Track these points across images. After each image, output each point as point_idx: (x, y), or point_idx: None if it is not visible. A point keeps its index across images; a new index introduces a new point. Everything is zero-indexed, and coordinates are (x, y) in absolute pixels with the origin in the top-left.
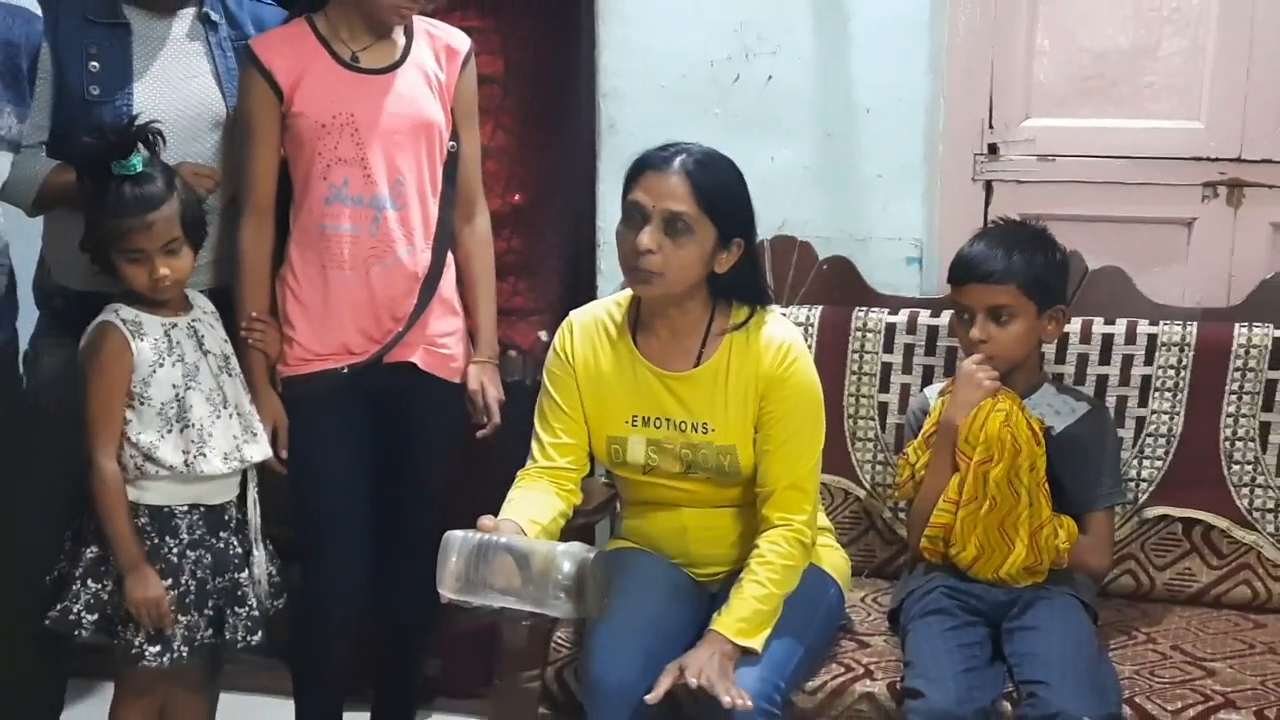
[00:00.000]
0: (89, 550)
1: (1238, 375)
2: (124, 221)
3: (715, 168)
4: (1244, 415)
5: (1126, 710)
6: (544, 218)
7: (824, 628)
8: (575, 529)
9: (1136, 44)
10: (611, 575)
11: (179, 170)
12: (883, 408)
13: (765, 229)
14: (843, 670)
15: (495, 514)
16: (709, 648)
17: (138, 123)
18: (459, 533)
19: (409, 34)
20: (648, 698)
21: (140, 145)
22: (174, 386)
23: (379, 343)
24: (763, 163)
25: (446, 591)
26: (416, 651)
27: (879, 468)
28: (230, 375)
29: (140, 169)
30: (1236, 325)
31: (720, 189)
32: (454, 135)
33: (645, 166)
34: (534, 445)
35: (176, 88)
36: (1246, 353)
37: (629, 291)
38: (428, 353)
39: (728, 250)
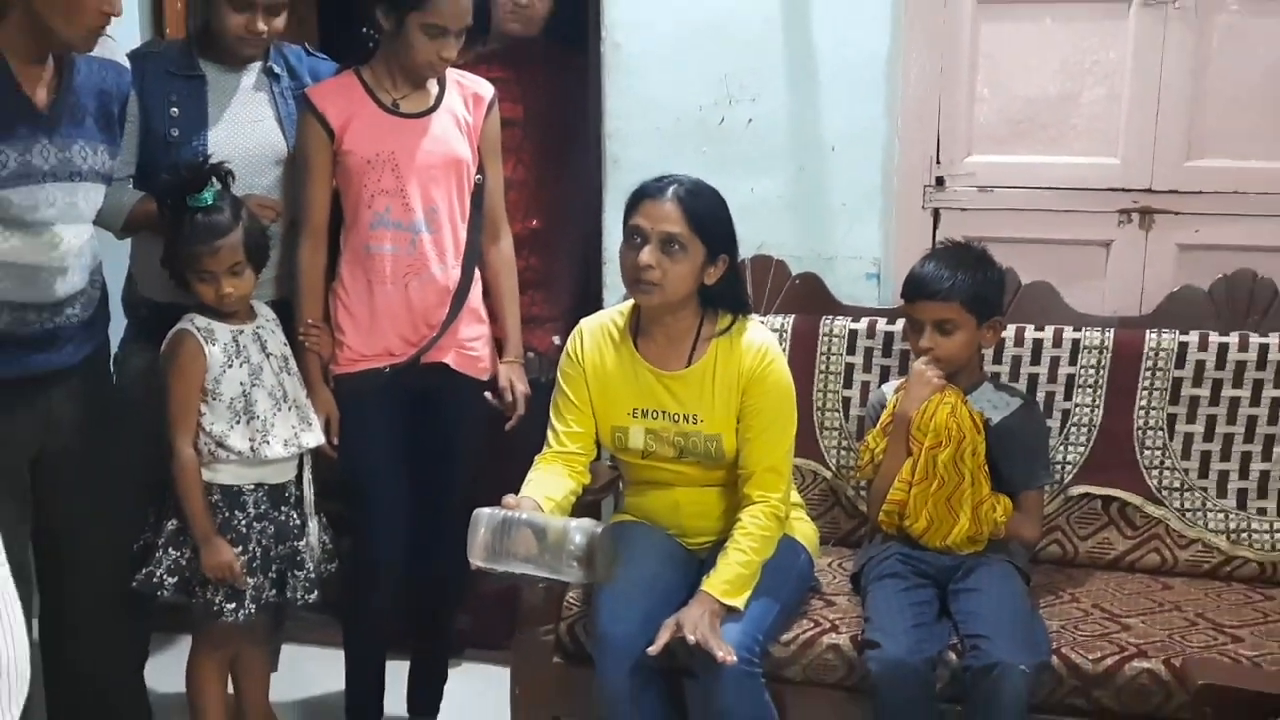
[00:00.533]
0: (170, 523)
1: (1149, 374)
2: (195, 247)
3: (703, 195)
4: (1154, 408)
5: (1055, 660)
6: (558, 240)
7: (796, 589)
8: (584, 505)
9: (1062, 92)
10: (618, 546)
11: (246, 201)
12: (846, 402)
13: (746, 249)
14: (812, 625)
15: (517, 493)
16: (700, 606)
17: (210, 162)
18: (486, 509)
19: (442, 84)
20: (649, 650)
21: (213, 179)
22: (241, 384)
23: (416, 346)
24: (744, 193)
25: (476, 560)
26: (449, 610)
27: (843, 452)
28: (289, 374)
29: (210, 202)
30: (1147, 331)
31: (708, 213)
32: (480, 169)
33: (643, 195)
34: (549, 434)
35: (245, 130)
36: (1156, 355)
37: (631, 302)
38: (458, 355)
39: (715, 265)
